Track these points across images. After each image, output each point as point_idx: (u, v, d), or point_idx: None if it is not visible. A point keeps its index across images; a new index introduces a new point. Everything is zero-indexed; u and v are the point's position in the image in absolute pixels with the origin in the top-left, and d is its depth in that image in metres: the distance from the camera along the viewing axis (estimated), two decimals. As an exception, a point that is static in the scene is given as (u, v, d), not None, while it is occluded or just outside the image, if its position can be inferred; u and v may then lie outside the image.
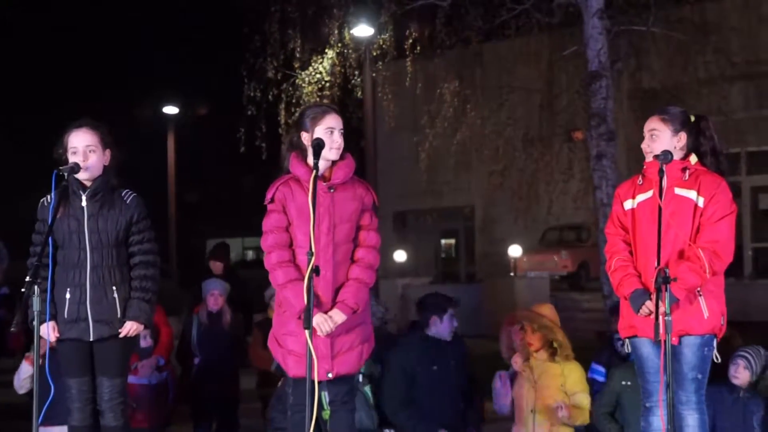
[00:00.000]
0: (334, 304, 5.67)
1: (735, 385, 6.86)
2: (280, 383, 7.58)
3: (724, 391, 6.63)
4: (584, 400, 7.37)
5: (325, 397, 5.95)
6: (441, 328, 7.76)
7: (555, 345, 7.42)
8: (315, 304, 5.55)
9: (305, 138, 5.72)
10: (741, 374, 6.91)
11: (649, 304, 5.68)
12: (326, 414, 5.96)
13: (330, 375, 5.68)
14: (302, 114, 5.90)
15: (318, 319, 5.55)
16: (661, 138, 5.96)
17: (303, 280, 5.47)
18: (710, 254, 5.72)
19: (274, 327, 5.88)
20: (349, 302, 5.65)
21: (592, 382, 7.68)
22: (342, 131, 5.76)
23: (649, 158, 5.98)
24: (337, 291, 5.69)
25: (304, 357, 5.53)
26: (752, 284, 20.47)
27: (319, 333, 5.57)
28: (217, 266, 11.59)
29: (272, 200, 5.72)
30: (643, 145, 6.04)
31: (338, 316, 5.62)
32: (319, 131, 5.68)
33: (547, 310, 7.74)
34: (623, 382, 7.10)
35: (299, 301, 5.51)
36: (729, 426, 6.66)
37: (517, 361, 7.59)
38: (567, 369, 7.42)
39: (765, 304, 17.76)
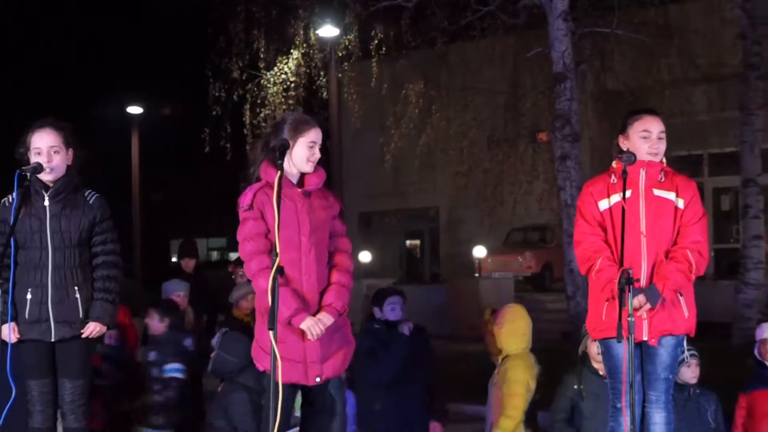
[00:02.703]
0: (319, 307, 5.66)
1: (681, 384, 6.89)
2: (219, 388, 7.55)
3: (674, 391, 6.65)
4: (506, 401, 7.36)
5: (298, 400, 5.92)
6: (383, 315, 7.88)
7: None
8: (302, 307, 5.56)
9: None
10: (696, 372, 6.97)
11: (641, 298, 5.68)
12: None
13: (319, 379, 5.68)
14: (283, 120, 5.87)
15: (309, 323, 5.54)
16: (665, 141, 5.98)
17: (287, 285, 5.51)
18: (696, 255, 5.78)
19: (258, 335, 5.82)
20: (336, 305, 5.66)
21: None
22: (320, 146, 5.75)
23: (656, 159, 5.93)
24: (320, 294, 5.69)
25: (296, 362, 5.55)
26: (714, 285, 20.57)
27: (309, 336, 5.56)
28: (189, 264, 11.49)
29: (250, 207, 5.66)
30: (650, 146, 5.91)
31: (327, 318, 5.62)
32: (302, 142, 5.67)
33: (509, 312, 7.73)
34: (575, 386, 7.09)
35: (286, 306, 5.50)
36: (685, 425, 6.69)
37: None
38: (503, 369, 7.47)
39: (726, 305, 17.86)
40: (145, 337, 10.00)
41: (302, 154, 5.66)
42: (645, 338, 5.77)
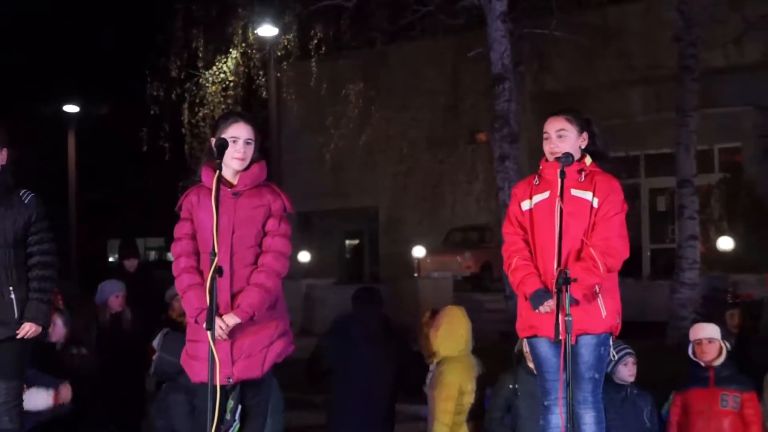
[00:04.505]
0: (233, 309, 5.63)
1: (619, 384, 6.95)
2: (161, 389, 7.50)
3: (611, 391, 6.70)
4: (437, 405, 7.41)
5: (230, 403, 5.88)
6: None
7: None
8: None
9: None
10: (633, 370, 7.03)
11: (551, 302, 5.72)
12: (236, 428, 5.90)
13: (230, 380, 5.64)
14: (216, 121, 5.94)
15: None
16: (569, 138, 5.99)
17: (203, 284, 5.47)
18: (602, 252, 5.78)
19: (186, 335, 5.85)
20: (244, 306, 5.59)
21: None
22: (249, 141, 5.70)
23: (553, 159, 5.99)
24: (236, 296, 5.64)
25: (206, 361, 5.48)
26: (650, 285, 20.82)
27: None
28: (132, 264, 11.39)
29: (179, 207, 5.74)
30: (550, 147, 5.99)
31: (231, 319, 5.56)
32: None
33: (446, 315, 7.73)
34: (510, 386, 7.12)
35: (196, 303, 5.52)
36: (622, 425, 6.75)
37: None
38: (437, 372, 7.50)
39: (662, 305, 18.06)
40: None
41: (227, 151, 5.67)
42: (560, 338, 5.79)
